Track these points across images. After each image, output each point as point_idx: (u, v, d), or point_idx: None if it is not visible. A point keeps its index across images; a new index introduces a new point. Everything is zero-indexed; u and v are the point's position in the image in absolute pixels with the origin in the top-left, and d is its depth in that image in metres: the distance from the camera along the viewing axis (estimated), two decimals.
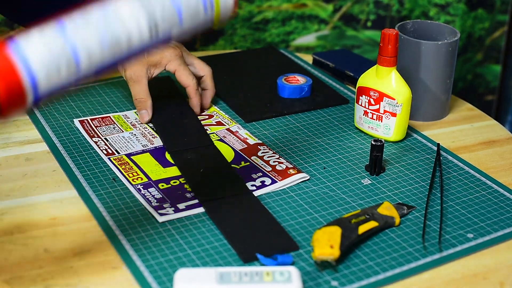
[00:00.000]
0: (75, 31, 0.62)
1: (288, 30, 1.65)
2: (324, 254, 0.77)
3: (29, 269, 0.78)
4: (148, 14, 0.66)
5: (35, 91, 0.60)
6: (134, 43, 0.66)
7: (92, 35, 0.63)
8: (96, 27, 0.63)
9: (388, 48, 1.01)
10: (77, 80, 0.64)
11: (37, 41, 0.60)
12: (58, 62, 0.61)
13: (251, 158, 0.99)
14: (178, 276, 0.73)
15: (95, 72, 0.65)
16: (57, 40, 0.61)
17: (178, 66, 1.08)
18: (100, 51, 0.63)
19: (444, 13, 1.68)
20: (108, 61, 0.65)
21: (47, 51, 0.60)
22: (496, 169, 1.00)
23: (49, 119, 1.08)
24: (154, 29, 0.66)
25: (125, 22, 0.65)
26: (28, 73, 0.59)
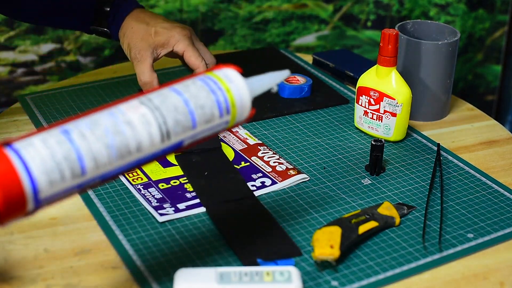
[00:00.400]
0: (81, 137, 0.60)
1: (288, 30, 1.65)
2: (324, 254, 0.77)
3: (29, 269, 0.78)
4: (161, 119, 0.64)
5: (36, 198, 0.57)
6: (145, 149, 0.63)
7: (98, 140, 0.60)
8: (104, 133, 0.61)
9: (388, 48, 1.01)
10: (82, 185, 0.61)
11: (39, 146, 0.58)
12: (62, 167, 0.58)
13: (251, 158, 0.99)
14: (178, 276, 0.73)
15: (103, 177, 0.62)
16: (61, 146, 0.59)
17: (187, 47, 1.03)
18: (108, 157, 0.61)
19: (444, 13, 1.68)
20: (117, 167, 0.62)
21: (49, 157, 0.58)
22: (496, 169, 1.00)
23: (49, 119, 1.08)
24: (166, 135, 0.64)
25: (136, 128, 0.62)
26: (29, 179, 0.57)
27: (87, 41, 1.52)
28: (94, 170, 0.60)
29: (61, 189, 0.59)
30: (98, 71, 1.28)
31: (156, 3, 1.53)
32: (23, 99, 1.15)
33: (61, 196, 0.60)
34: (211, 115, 0.67)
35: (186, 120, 0.65)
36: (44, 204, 0.59)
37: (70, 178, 0.59)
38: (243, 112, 0.70)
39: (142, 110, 0.63)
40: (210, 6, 1.57)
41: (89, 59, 1.54)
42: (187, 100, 0.65)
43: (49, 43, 1.50)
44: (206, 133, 0.68)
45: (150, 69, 1.02)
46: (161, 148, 0.64)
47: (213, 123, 0.67)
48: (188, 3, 1.55)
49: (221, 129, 0.69)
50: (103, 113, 0.62)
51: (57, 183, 0.58)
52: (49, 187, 0.58)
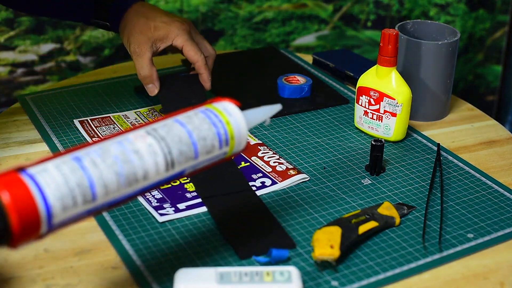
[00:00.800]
0: (92, 165, 0.62)
1: (288, 30, 1.65)
2: (324, 254, 0.77)
3: (29, 269, 0.78)
4: (166, 149, 0.67)
5: (49, 222, 0.59)
6: (151, 177, 0.66)
7: (109, 168, 0.63)
8: (114, 161, 0.63)
9: (388, 48, 1.01)
10: (92, 211, 0.63)
11: (54, 172, 0.60)
12: (75, 194, 0.61)
13: (251, 158, 0.99)
14: (178, 276, 0.73)
15: (111, 204, 0.64)
16: (74, 173, 0.61)
17: (185, 41, 1.04)
18: (117, 184, 0.63)
19: (444, 13, 1.68)
20: (124, 194, 0.65)
21: (64, 184, 0.60)
22: (496, 169, 1.00)
23: (49, 119, 1.08)
24: (171, 164, 0.67)
25: (143, 158, 0.65)
26: (44, 204, 0.59)
27: (87, 41, 1.52)
28: (103, 197, 0.63)
29: (73, 214, 0.61)
30: (98, 71, 1.28)
31: (156, 3, 1.53)
32: (23, 99, 1.15)
33: (72, 221, 0.62)
34: (211, 146, 0.70)
35: (189, 151, 0.68)
36: (55, 228, 0.61)
37: (81, 204, 0.61)
38: (241, 143, 0.73)
39: (149, 140, 0.66)
40: (210, 6, 1.57)
41: (89, 59, 1.54)
42: (190, 131, 0.69)
43: (49, 43, 1.50)
44: (205, 163, 0.71)
45: (149, 63, 1.03)
46: (165, 176, 0.67)
47: (213, 154, 0.71)
48: (188, 3, 1.55)
49: (219, 159, 0.73)
50: (112, 142, 0.65)
51: (69, 208, 0.60)
52: (62, 213, 0.60)
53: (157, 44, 1.04)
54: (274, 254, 0.78)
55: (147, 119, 1.09)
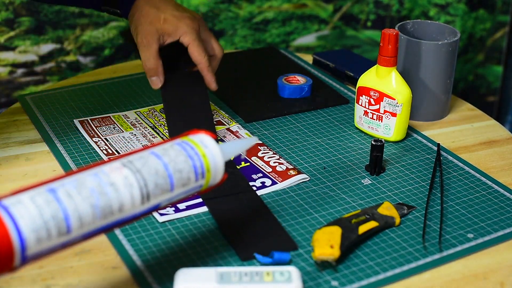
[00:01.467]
0: (67, 196, 0.62)
1: (288, 30, 1.65)
2: (324, 254, 0.77)
3: (29, 269, 0.78)
4: (142, 182, 0.66)
5: (23, 255, 0.59)
6: (126, 210, 0.66)
7: (84, 200, 0.63)
8: (90, 194, 0.63)
9: (388, 48, 1.01)
10: (66, 243, 0.63)
11: (28, 204, 0.60)
12: (49, 226, 0.60)
13: (251, 158, 0.99)
14: (178, 276, 0.73)
15: (85, 236, 0.64)
16: (49, 205, 0.61)
17: (192, 41, 1.02)
18: (92, 217, 0.63)
19: (444, 13, 1.68)
20: (99, 226, 0.64)
21: (38, 216, 0.60)
22: (496, 169, 1.00)
23: (49, 119, 1.08)
24: (146, 197, 0.67)
25: (119, 190, 0.65)
26: (18, 236, 0.58)
27: (87, 41, 1.52)
28: (78, 229, 0.62)
29: (47, 246, 0.60)
30: (98, 71, 1.28)
31: None
32: (23, 99, 1.15)
33: (46, 253, 0.61)
34: (187, 179, 0.70)
35: (165, 183, 0.68)
36: (29, 260, 0.60)
37: (56, 236, 0.61)
38: (217, 176, 0.73)
39: (125, 172, 0.66)
40: (211, 6, 1.57)
41: (89, 59, 1.54)
42: (166, 164, 0.69)
43: (49, 43, 1.50)
44: (181, 196, 0.71)
45: (155, 55, 1.02)
46: (140, 209, 0.67)
47: (188, 187, 0.71)
48: (188, 3, 1.55)
49: (194, 192, 0.72)
50: (88, 174, 0.65)
51: (44, 241, 0.60)
52: (36, 245, 0.59)
53: (164, 38, 1.02)
54: (276, 257, 0.78)
55: (147, 119, 1.09)
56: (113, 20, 1.51)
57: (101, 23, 1.50)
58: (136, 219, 0.68)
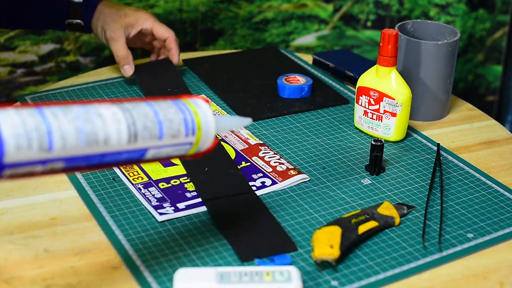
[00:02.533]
0: (53, 115, 0.61)
1: (288, 30, 1.65)
2: (324, 254, 0.77)
3: (29, 269, 0.78)
4: (130, 120, 0.66)
5: (1, 159, 0.58)
6: (112, 144, 0.65)
7: (69, 123, 0.62)
8: (75, 118, 0.62)
9: (388, 48, 1.01)
10: (46, 162, 0.61)
11: (13, 113, 0.60)
12: (30, 136, 0.59)
13: (251, 158, 0.99)
14: (178, 276, 0.73)
15: (67, 161, 0.62)
16: (33, 117, 0.60)
17: (154, 22, 1.18)
18: (76, 140, 0.62)
19: (444, 13, 1.68)
20: (83, 155, 0.63)
21: (20, 124, 0.59)
22: (496, 169, 1.00)
23: None
24: (134, 136, 0.66)
25: (106, 122, 0.64)
26: None
27: (87, 41, 1.52)
28: (61, 150, 0.61)
29: (26, 159, 0.59)
30: (98, 71, 1.28)
31: (156, 2, 1.53)
32: (23, 99, 1.15)
33: (24, 171, 0.60)
34: (177, 130, 0.69)
35: (154, 128, 0.67)
36: (6, 173, 0.59)
37: (37, 149, 0.59)
38: (208, 138, 0.72)
39: (114, 109, 0.66)
40: (210, 6, 1.57)
41: (89, 59, 1.54)
42: (156, 111, 0.68)
43: (49, 43, 1.50)
44: (169, 151, 0.70)
45: (125, 46, 1.16)
46: (127, 149, 0.66)
47: (178, 140, 0.70)
48: (188, 3, 1.55)
49: (183, 151, 0.72)
50: (77, 105, 0.65)
51: (23, 150, 0.58)
52: (15, 152, 0.58)
53: (129, 30, 1.17)
54: (277, 262, 0.78)
55: None
56: None
57: None
58: (122, 163, 0.67)
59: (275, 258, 0.79)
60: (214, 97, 1.17)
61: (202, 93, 1.19)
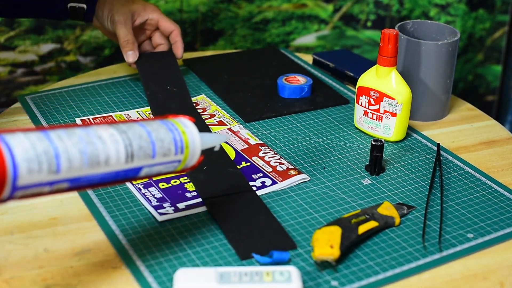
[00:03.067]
0: (58, 139, 0.65)
1: (288, 30, 1.65)
2: (324, 254, 0.77)
3: (29, 269, 0.78)
4: (127, 141, 0.70)
5: (14, 183, 0.61)
6: (111, 164, 0.69)
7: (74, 145, 0.66)
8: (79, 140, 0.66)
9: (388, 48, 1.01)
10: (54, 183, 0.65)
11: (22, 138, 0.63)
12: (40, 160, 0.63)
13: (252, 158, 0.99)
14: (178, 276, 0.73)
15: (72, 182, 0.66)
16: (41, 141, 0.64)
17: (160, 15, 1.18)
18: (80, 161, 0.66)
19: (444, 13, 1.68)
20: (86, 175, 0.67)
21: (31, 148, 0.62)
22: (496, 169, 1.00)
23: (49, 119, 1.08)
24: (130, 156, 0.71)
25: (106, 143, 0.69)
26: (12, 162, 0.60)
27: (87, 41, 1.52)
28: (67, 171, 0.65)
29: (36, 181, 0.63)
30: (98, 71, 1.28)
31: (156, 3, 1.53)
32: (23, 99, 1.15)
33: (34, 191, 0.64)
34: (168, 149, 0.74)
35: (148, 148, 0.72)
36: (17, 194, 0.62)
37: (46, 172, 0.63)
38: (194, 155, 0.77)
39: (111, 130, 0.70)
40: (210, 6, 1.57)
41: (89, 59, 1.54)
42: (149, 131, 0.73)
43: (49, 43, 1.50)
44: (160, 168, 0.75)
45: (131, 30, 1.14)
46: (125, 168, 0.71)
47: (168, 158, 0.75)
48: (188, 3, 1.55)
49: (172, 168, 0.76)
50: (77, 127, 0.69)
51: (34, 173, 0.62)
52: (27, 175, 0.61)
53: (135, 17, 1.16)
54: (275, 257, 0.78)
55: None
56: None
57: None
58: (120, 181, 0.72)
59: (274, 253, 0.79)
60: (214, 97, 1.17)
61: (202, 93, 1.19)
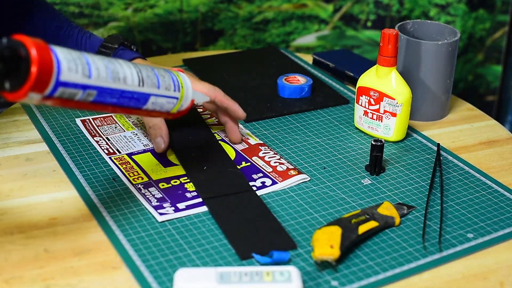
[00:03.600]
0: (86, 53, 0.75)
1: (288, 30, 1.65)
2: (324, 254, 0.77)
3: (29, 269, 0.78)
4: (137, 69, 0.80)
5: (57, 77, 0.69)
6: (128, 83, 0.78)
7: (100, 60, 0.75)
8: (101, 58, 0.76)
9: (388, 48, 1.01)
10: (86, 88, 0.73)
11: (60, 47, 0.72)
12: (76, 62, 0.71)
13: (252, 158, 0.99)
14: (178, 276, 0.73)
15: (99, 91, 0.74)
16: (73, 50, 0.73)
17: (192, 81, 0.97)
18: (105, 73, 0.75)
19: (444, 13, 1.68)
20: (110, 87, 0.75)
21: (68, 52, 0.71)
22: (496, 169, 1.00)
23: (49, 119, 1.08)
24: (141, 81, 0.80)
25: (123, 66, 0.78)
26: (56, 59, 0.69)
27: None
28: (96, 79, 0.74)
29: (73, 81, 0.71)
30: None
31: (156, 3, 1.53)
32: None
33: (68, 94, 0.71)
34: (169, 84, 0.84)
35: (153, 78, 0.82)
36: (58, 93, 0.70)
37: (81, 74, 0.72)
38: (188, 97, 0.88)
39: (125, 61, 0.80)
40: (210, 6, 1.57)
41: None
42: (152, 67, 0.84)
43: None
44: (163, 102, 0.84)
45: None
46: (138, 91, 0.79)
47: (169, 92, 0.84)
48: (188, 3, 1.55)
49: (171, 105, 0.85)
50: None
51: (72, 72, 0.70)
52: (67, 72, 0.70)
53: None
54: (276, 257, 0.78)
55: None
56: (113, 20, 1.51)
57: (101, 23, 1.50)
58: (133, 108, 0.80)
59: (274, 253, 0.79)
60: None
61: None
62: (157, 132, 0.98)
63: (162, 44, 1.56)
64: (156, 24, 1.54)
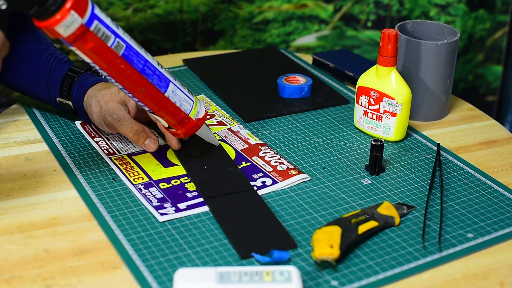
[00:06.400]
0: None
1: (288, 30, 1.65)
2: (324, 254, 0.77)
3: (29, 269, 0.78)
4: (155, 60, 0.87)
5: (92, 8, 0.79)
6: (150, 57, 0.86)
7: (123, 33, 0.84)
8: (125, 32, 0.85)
9: (388, 48, 1.01)
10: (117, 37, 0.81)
11: None
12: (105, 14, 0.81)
13: (252, 158, 0.99)
14: (178, 276, 0.73)
15: (127, 45, 0.83)
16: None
17: None
18: (130, 39, 0.84)
19: (444, 14, 1.68)
20: (135, 49, 0.84)
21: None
22: (496, 169, 1.00)
23: (49, 119, 1.08)
24: (160, 65, 0.87)
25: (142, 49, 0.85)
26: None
27: None
28: (123, 34, 0.83)
29: (105, 21, 0.80)
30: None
31: (156, 3, 1.53)
32: (23, 99, 1.15)
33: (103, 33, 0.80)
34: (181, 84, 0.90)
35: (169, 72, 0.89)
36: (94, 25, 0.79)
37: (110, 21, 0.81)
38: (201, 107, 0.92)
39: None
40: (210, 6, 1.57)
41: None
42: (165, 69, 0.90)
43: None
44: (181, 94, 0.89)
45: (133, 121, 0.99)
46: (159, 69, 0.86)
47: (185, 90, 0.90)
48: (188, 3, 1.55)
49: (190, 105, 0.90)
50: None
51: (103, 14, 0.80)
52: (99, 11, 0.80)
53: (127, 105, 1.00)
54: (275, 256, 0.78)
55: None
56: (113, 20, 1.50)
57: None
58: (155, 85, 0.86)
59: (274, 253, 0.79)
60: (214, 97, 1.17)
61: (202, 93, 1.19)
62: (142, 135, 0.98)
63: (162, 44, 1.56)
64: (156, 24, 1.54)
